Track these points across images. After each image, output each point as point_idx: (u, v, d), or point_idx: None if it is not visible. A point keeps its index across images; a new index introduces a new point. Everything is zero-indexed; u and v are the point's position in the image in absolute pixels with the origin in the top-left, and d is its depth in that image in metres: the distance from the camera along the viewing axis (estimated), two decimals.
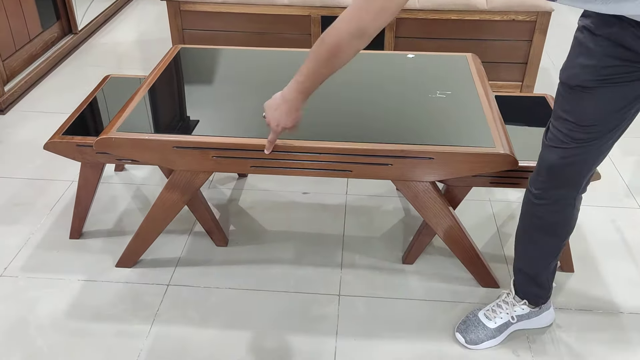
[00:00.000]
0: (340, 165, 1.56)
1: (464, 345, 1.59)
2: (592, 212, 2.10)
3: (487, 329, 1.59)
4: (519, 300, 1.59)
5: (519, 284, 1.58)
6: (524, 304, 1.59)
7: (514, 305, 1.59)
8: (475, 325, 1.60)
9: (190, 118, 1.65)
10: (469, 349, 1.58)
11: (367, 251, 1.93)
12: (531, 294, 1.57)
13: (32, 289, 1.77)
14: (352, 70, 1.89)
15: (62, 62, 3.25)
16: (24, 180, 2.27)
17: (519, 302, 1.59)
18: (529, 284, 1.56)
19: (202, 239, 1.97)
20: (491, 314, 1.60)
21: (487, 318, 1.60)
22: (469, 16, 2.65)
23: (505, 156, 1.50)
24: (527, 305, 1.59)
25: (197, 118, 1.64)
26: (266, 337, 1.62)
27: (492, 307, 1.62)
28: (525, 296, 1.58)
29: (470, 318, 1.62)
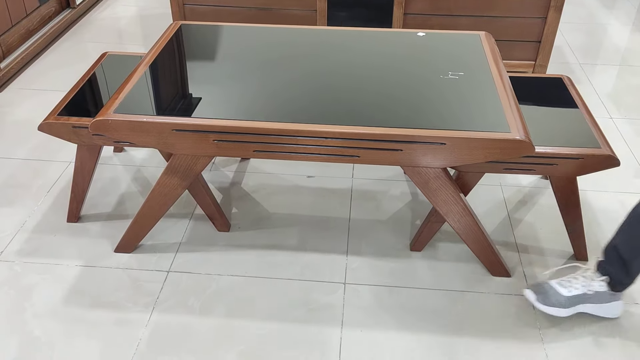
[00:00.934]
0: (348, 151, 1.49)
1: (532, 303, 1.55)
2: (607, 198, 2.03)
3: (559, 295, 1.53)
4: (599, 277, 1.54)
5: (608, 262, 1.52)
6: (604, 281, 1.53)
7: (593, 280, 1.54)
8: (548, 289, 1.55)
9: (190, 99, 1.57)
10: (537, 308, 1.55)
11: (373, 237, 1.87)
12: (615, 277, 1.51)
13: (28, 275, 1.72)
14: (360, 49, 1.80)
15: (59, 38, 3.16)
16: (20, 160, 2.21)
17: (599, 278, 1.53)
18: (618, 266, 1.49)
19: (204, 224, 1.91)
20: (566, 284, 1.55)
21: (561, 286, 1.55)
22: None
23: (522, 142, 1.42)
24: (607, 284, 1.53)
25: (198, 99, 1.57)
26: (268, 327, 1.57)
27: (568, 278, 1.57)
28: (608, 275, 1.52)
29: (543, 284, 1.57)
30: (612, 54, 3.05)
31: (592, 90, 2.70)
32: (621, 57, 3.01)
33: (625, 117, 2.49)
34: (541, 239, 1.86)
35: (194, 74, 1.68)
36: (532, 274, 1.73)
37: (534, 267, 1.76)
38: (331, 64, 1.73)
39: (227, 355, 1.50)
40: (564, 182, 1.63)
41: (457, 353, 1.50)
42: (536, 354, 1.50)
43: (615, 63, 2.95)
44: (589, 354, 1.50)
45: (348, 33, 1.91)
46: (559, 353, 1.50)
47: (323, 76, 1.67)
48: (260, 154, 1.53)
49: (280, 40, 1.87)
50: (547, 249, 1.83)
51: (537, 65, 2.71)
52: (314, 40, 1.86)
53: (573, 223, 1.70)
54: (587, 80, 2.79)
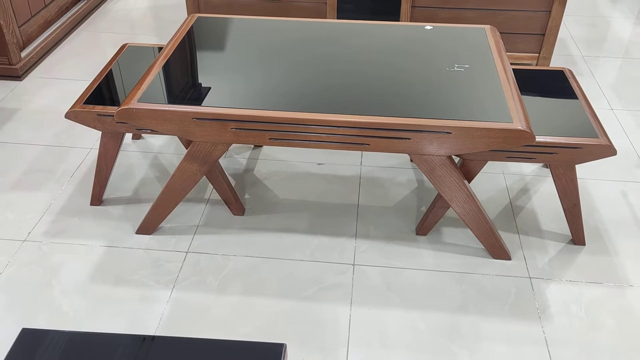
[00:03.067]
0: (358, 139, 1.58)
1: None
2: (604, 186, 2.12)
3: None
4: None
5: None
6: None
7: None
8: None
9: (209, 89, 1.66)
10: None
11: (381, 222, 1.96)
12: None
13: (55, 254, 1.82)
14: (370, 42, 1.89)
15: (76, 28, 3.25)
16: (44, 147, 2.31)
17: None
18: None
19: (220, 208, 2.01)
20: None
21: None
22: None
23: (523, 132, 1.51)
24: None
25: (216, 89, 1.66)
26: (282, 305, 1.67)
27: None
28: None
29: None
30: (615, 46, 3.11)
31: (595, 82, 2.78)
32: (624, 50, 3.07)
33: (626, 108, 2.57)
34: (541, 225, 1.95)
35: (211, 65, 1.77)
36: (532, 257, 1.82)
37: (534, 250, 1.85)
38: (342, 55, 1.82)
39: (243, 329, 1.60)
40: (563, 170, 1.71)
41: (460, 330, 1.60)
42: (534, 329, 1.60)
43: (618, 55, 3.02)
44: (585, 331, 1.60)
45: (358, 26, 1.99)
46: (555, 330, 1.60)
47: (335, 67, 1.75)
48: (275, 141, 1.62)
49: (293, 32, 1.96)
50: (547, 233, 1.91)
51: (541, 57, 2.78)
52: (326, 33, 1.95)
53: (571, 209, 1.79)
54: (589, 72, 2.86)
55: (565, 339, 1.58)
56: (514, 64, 2.84)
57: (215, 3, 2.83)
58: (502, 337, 1.58)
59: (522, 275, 1.76)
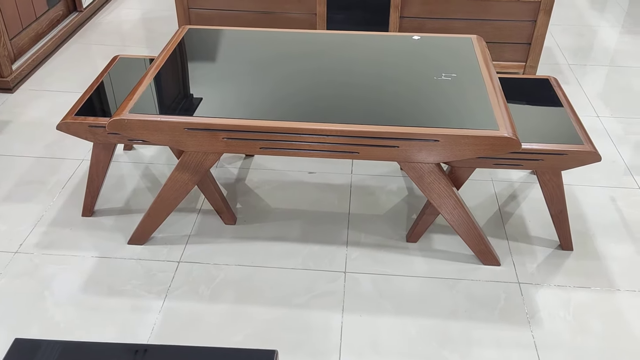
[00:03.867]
0: (348, 147, 1.60)
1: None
2: (591, 192, 2.15)
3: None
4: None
5: None
6: None
7: None
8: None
9: (200, 100, 1.68)
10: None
11: (372, 229, 1.98)
12: None
13: (47, 266, 1.82)
14: (359, 52, 1.92)
15: (67, 41, 3.27)
16: (35, 158, 2.31)
17: None
18: None
19: (211, 217, 2.02)
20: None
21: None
22: None
23: (509, 139, 1.54)
24: None
25: (207, 100, 1.68)
26: (274, 313, 1.68)
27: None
28: None
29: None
30: (601, 55, 3.16)
31: (581, 90, 2.82)
32: (610, 59, 3.13)
33: (612, 115, 2.61)
34: (529, 230, 1.98)
35: (202, 76, 1.79)
36: (520, 262, 1.85)
37: (523, 256, 1.87)
38: (332, 66, 1.84)
39: (235, 337, 1.61)
40: (549, 176, 1.74)
41: (451, 335, 1.62)
42: (523, 334, 1.62)
43: (604, 64, 3.07)
44: (573, 335, 1.62)
45: (347, 37, 2.02)
46: (544, 334, 1.62)
47: (325, 77, 1.78)
48: (266, 150, 1.64)
49: (283, 43, 1.98)
50: (535, 239, 1.94)
51: (527, 66, 2.83)
52: (315, 43, 1.98)
53: (558, 215, 1.82)
54: (575, 81, 2.90)
55: (554, 343, 1.60)
56: (500, 73, 2.88)
57: (207, 15, 2.86)
58: (493, 342, 1.60)
59: (511, 281, 1.78)
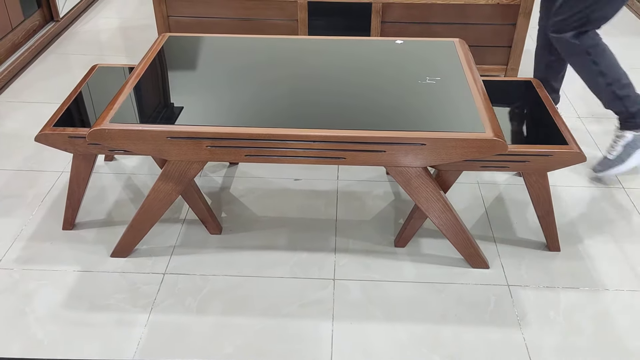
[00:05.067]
0: (334, 153, 1.58)
1: (598, 175, 2.20)
2: (575, 192, 2.16)
3: (609, 160, 2.16)
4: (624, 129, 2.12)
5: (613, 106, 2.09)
6: (620, 124, 2.13)
7: (618, 133, 2.15)
8: (602, 161, 2.19)
9: (182, 108, 1.65)
10: (601, 176, 2.20)
11: (359, 235, 1.96)
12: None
13: (27, 281, 1.77)
14: (342, 57, 1.90)
15: (44, 51, 3.21)
16: (14, 172, 2.26)
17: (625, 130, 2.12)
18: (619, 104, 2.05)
19: (196, 227, 1.99)
20: (611, 149, 2.16)
21: (609, 153, 2.17)
22: (453, 0, 2.67)
23: (495, 141, 1.53)
24: (620, 125, 2.14)
25: (190, 108, 1.65)
26: (263, 323, 1.65)
27: (611, 144, 2.17)
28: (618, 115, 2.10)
29: (599, 161, 2.20)
30: None
31: (561, 91, 2.84)
32: None
33: (592, 116, 2.63)
34: (516, 232, 1.98)
35: (184, 84, 1.76)
36: (509, 265, 1.84)
37: (511, 258, 1.87)
38: (315, 71, 1.83)
39: (224, 350, 1.57)
40: (535, 177, 1.74)
41: (442, 340, 1.60)
42: (514, 336, 1.61)
43: None
44: (564, 335, 1.62)
45: (330, 42, 2.01)
46: (535, 335, 1.61)
47: (308, 83, 1.76)
48: (251, 158, 1.61)
49: (265, 49, 1.96)
50: (522, 240, 1.94)
51: (508, 69, 2.84)
52: (298, 49, 1.96)
53: (545, 216, 1.82)
54: None
55: (545, 344, 1.59)
56: (483, 76, 2.89)
57: (186, 22, 2.83)
58: (484, 345, 1.59)
59: (500, 284, 1.78)
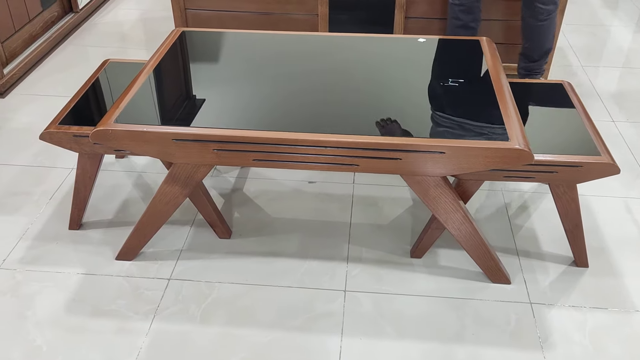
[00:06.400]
0: (347, 160, 1.49)
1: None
2: (608, 202, 2.03)
3: None
4: None
5: None
6: None
7: None
8: None
9: (191, 108, 1.58)
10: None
11: (374, 244, 1.87)
12: None
13: (30, 283, 1.73)
14: (359, 56, 1.80)
15: (62, 42, 3.18)
16: (23, 167, 2.22)
17: None
18: None
19: (205, 230, 1.92)
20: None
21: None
22: None
23: (521, 151, 1.42)
24: None
25: (198, 108, 1.57)
26: (269, 336, 1.57)
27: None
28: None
29: None
30: (615, 55, 3.03)
31: (594, 92, 2.69)
32: (624, 59, 2.99)
33: (628, 120, 2.48)
34: (542, 245, 1.86)
35: (194, 83, 1.68)
36: (532, 280, 1.73)
37: (535, 273, 1.75)
38: (331, 71, 1.73)
39: None
40: (564, 189, 1.63)
41: None
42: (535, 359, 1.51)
43: (618, 65, 2.94)
44: None
45: (348, 39, 1.91)
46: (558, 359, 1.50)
47: (323, 84, 1.67)
48: (259, 162, 1.53)
49: (280, 47, 1.87)
50: (548, 254, 1.82)
51: None
52: (314, 47, 1.87)
53: (573, 230, 1.70)
54: (589, 83, 2.77)
55: None
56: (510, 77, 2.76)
57: (204, 15, 2.75)
58: None
59: (522, 301, 1.67)
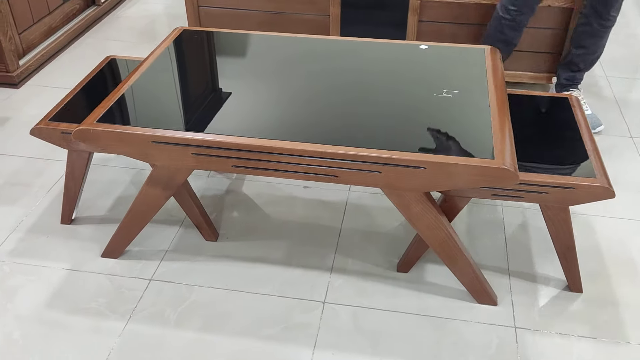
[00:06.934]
0: (325, 170, 1.45)
1: None
2: (611, 224, 1.92)
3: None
4: None
5: None
6: None
7: None
8: None
9: (175, 111, 1.56)
10: None
11: (361, 255, 1.82)
12: None
13: (15, 276, 1.75)
14: (356, 63, 1.76)
15: (82, 35, 3.22)
16: (26, 159, 2.26)
17: None
18: None
19: (193, 232, 1.91)
20: None
21: None
22: None
23: (505, 171, 1.35)
24: None
25: (183, 111, 1.56)
26: (241, 344, 1.55)
27: None
28: None
29: None
30: None
31: (616, 106, 2.57)
32: None
33: None
34: (536, 266, 1.78)
35: (184, 84, 1.67)
36: (520, 303, 1.65)
37: (524, 296, 1.68)
38: (321, 78, 1.69)
39: None
40: (555, 211, 1.55)
41: None
42: None
43: None
44: None
45: (344, 43, 1.86)
46: None
47: (310, 92, 1.63)
48: (238, 169, 1.51)
49: (274, 50, 1.84)
50: (542, 276, 1.74)
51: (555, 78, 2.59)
52: (308, 50, 1.83)
53: (566, 253, 1.62)
54: (612, 95, 2.65)
55: None
56: (510, 85, 2.66)
57: (216, 13, 2.74)
58: None
59: (507, 324, 1.60)
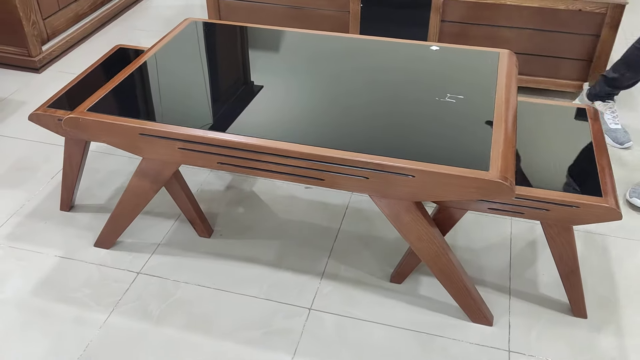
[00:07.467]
0: (311, 172, 1.39)
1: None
2: (627, 246, 1.79)
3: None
4: None
5: None
6: None
7: None
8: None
9: (167, 104, 1.53)
10: None
11: (355, 262, 1.76)
12: None
13: (9, 260, 1.76)
14: (360, 62, 1.68)
15: (110, 23, 3.25)
16: (35, 143, 2.27)
17: None
18: None
19: (188, 227, 1.88)
20: None
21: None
22: (527, 2, 2.32)
23: (498, 184, 1.26)
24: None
25: (175, 104, 1.52)
26: (220, 346, 1.51)
27: None
28: None
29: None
30: None
31: None
32: None
33: None
34: (540, 287, 1.67)
35: (181, 78, 1.64)
36: (518, 326, 1.56)
37: (523, 318, 1.58)
38: (320, 76, 1.63)
39: None
40: (557, 230, 1.44)
41: None
42: None
43: None
44: None
45: (350, 41, 1.79)
46: None
47: (305, 92, 1.57)
48: (223, 166, 1.46)
49: (274, 46, 1.79)
50: (545, 299, 1.64)
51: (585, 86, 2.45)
52: (311, 47, 1.76)
53: (569, 275, 1.51)
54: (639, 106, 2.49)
55: None
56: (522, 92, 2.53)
57: (235, 5, 2.71)
58: None
59: (500, 347, 1.50)
